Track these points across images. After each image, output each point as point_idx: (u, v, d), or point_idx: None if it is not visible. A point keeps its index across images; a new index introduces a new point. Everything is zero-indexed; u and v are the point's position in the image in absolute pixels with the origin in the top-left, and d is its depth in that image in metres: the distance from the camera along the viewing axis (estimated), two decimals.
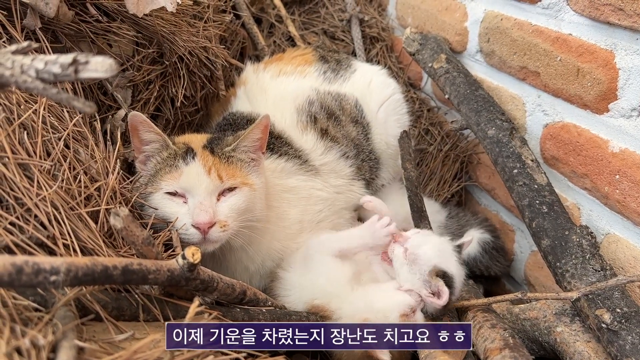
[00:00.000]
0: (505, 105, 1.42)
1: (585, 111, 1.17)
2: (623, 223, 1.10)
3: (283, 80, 1.45)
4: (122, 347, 0.71)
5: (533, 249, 1.41)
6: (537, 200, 1.16)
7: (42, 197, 0.80)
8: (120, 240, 0.93)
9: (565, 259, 1.06)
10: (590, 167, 1.16)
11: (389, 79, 1.56)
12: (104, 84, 1.26)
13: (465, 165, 1.72)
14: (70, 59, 0.59)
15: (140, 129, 1.08)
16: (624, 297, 0.97)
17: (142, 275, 0.70)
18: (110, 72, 0.60)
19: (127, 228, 0.74)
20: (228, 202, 1.08)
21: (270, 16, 1.93)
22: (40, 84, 0.60)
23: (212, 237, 1.05)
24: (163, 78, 1.37)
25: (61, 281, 0.59)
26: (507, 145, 1.26)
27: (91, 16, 1.19)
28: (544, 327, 1.05)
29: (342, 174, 1.37)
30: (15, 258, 0.56)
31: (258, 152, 1.16)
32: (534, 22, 1.30)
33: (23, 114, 0.90)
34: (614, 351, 0.91)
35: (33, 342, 0.61)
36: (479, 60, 1.53)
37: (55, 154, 0.92)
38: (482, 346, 0.98)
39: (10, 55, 0.62)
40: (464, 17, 1.57)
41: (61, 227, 0.80)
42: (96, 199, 0.95)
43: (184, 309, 0.84)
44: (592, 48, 1.13)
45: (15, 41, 1.03)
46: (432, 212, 1.42)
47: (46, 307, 0.70)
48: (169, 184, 1.06)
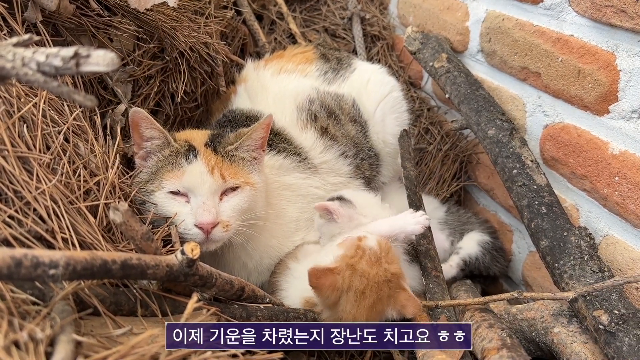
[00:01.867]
0: (506, 106, 1.42)
1: (586, 112, 1.17)
2: (622, 225, 1.11)
3: (284, 78, 1.45)
4: (120, 342, 0.70)
5: (531, 250, 1.41)
6: (536, 201, 1.16)
7: (41, 191, 0.80)
8: (119, 235, 0.93)
9: (564, 259, 1.07)
10: (590, 169, 1.16)
11: (388, 77, 1.55)
12: (104, 78, 1.26)
13: (464, 165, 1.72)
14: (71, 52, 0.59)
15: (141, 125, 1.08)
16: (622, 298, 0.97)
17: (141, 270, 0.70)
18: (111, 66, 0.60)
19: (127, 223, 0.74)
20: (230, 201, 1.08)
21: (272, 13, 1.92)
22: (41, 77, 0.60)
23: (215, 237, 1.05)
24: (163, 73, 1.37)
25: (60, 275, 0.59)
26: (507, 146, 1.26)
27: (92, 10, 1.19)
28: (541, 328, 1.05)
29: (341, 172, 1.37)
30: (15, 251, 0.56)
31: (259, 150, 1.16)
32: (535, 23, 1.30)
33: (23, 107, 0.90)
34: (611, 353, 0.91)
35: (31, 336, 0.61)
36: (480, 60, 1.53)
37: (55, 147, 0.92)
38: (480, 346, 0.98)
39: (11, 47, 0.62)
40: (465, 16, 1.57)
41: (60, 221, 0.80)
42: (95, 194, 0.95)
43: (182, 304, 0.84)
44: (593, 49, 1.13)
45: (16, 34, 1.03)
46: (431, 209, 1.42)
47: (44, 300, 0.70)
48: (171, 183, 1.06)
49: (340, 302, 1.00)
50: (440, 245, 1.38)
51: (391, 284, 1.00)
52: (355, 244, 1.04)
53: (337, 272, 1.00)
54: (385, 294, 1.00)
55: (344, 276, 1.00)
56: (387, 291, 1.00)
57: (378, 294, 0.99)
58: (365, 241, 1.04)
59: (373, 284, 0.99)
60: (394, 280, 1.01)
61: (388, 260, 1.02)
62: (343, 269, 1.00)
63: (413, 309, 1.01)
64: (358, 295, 0.99)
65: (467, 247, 1.41)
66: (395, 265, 1.02)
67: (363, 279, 0.99)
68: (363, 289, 0.99)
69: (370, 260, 1.01)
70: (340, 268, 1.01)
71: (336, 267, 1.01)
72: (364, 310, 0.98)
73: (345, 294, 0.99)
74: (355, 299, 0.99)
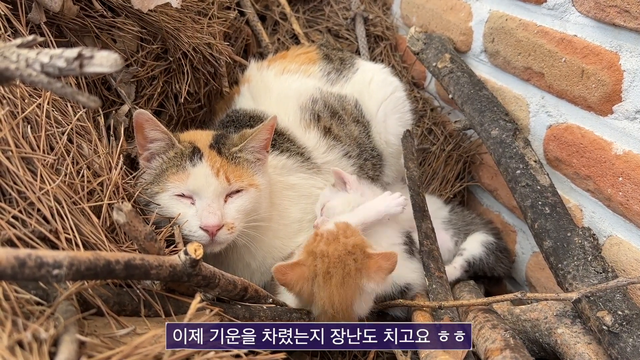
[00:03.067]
0: (509, 106, 1.41)
1: (589, 113, 1.17)
2: (625, 225, 1.10)
3: (287, 78, 1.45)
4: (123, 342, 0.71)
5: (534, 250, 1.41)
6: (540, 202, 1.16)
7: (45, 191, 0.80)
8: (122, 235, 0.94)
9: (567, 260, 1.06)
10: (594, 169, 1.16)
11: (391, 77, 1.55)
12: (107, 79, 1.26)
13: (467, 166, 1.71)
14: (75, 53, 0.59)
15: (145, 126, 1.08)
16: (626, 299, 0.97)
17: (145, 271, 0.70)
18: (115, 67, 0.60)
19: (130, 223, 0.74)
20: (235, 203, 1.09)
21: (275, 14, 1.92)
22: (45, 77, 0.60)
23: (220, 239, 1.06)
24: (167, 74, 1.37)
25: (64, 275, 0.59)
26: (511, 146, 1.25)
27: (96, 11, 1.19)
28: (544, 329, 1.05)
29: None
30: (19, 251, 0.56)
31: (263, 151, 1.16)
32: (539, 23, 1.29)
33: (27, 107, 0.90)
34: (615, 353, 0.91)
35: (35, 336, 0.61)
36: (483, 61, 1.53)
37: (59, 148, 0.92)
38: (483, 346, 0.98)
39: (15, 48, 0.62)
40: (468, 17, 1.57)
41: (64, 221, 0.80)
42: (99, 194, 0.95)
43: (185, 304, 0.84)
44: (597, 49, 1.13)
45: (20, 35, 1.03)
46: (435, 209, 1.42)
47: (48, 301, 0.70)
48: (176, 185, 1.06)
49: (314, 292, 1.00)
50: (444, 245, 1.38)
51: (354, 255, 0.99)
52: (314, 233, 1.06)
53: (302, 264, 1.01)
54: (351, 267, 0.99)
55: (308, 264, 1.00)
56: (353, 264, 0.99)
57: (344, 269, 0.98)
58: (323, 227, 1.06)
59: (335, 260, 0.99)
60: (357, 252, 1.00)
61: (346, 235, 1.02)
62: (306, 258, 1.01)
63: (388, 265, 0.99)
64: (324, 276, 0.99)
65: (470, 248, 1.40)
66: (354, 238, 1.02)
67: (324, 258, 0.99)
68: (327, 268, 0.99)
69: (327, 240, 1.02)
70: (304, 259, 1.01)
71: (300, 259, 1.02)
72: (335, 289, 0.98)
73: (315, 281, 0.99)
74: (324, 281, 0.98)
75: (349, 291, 0.99)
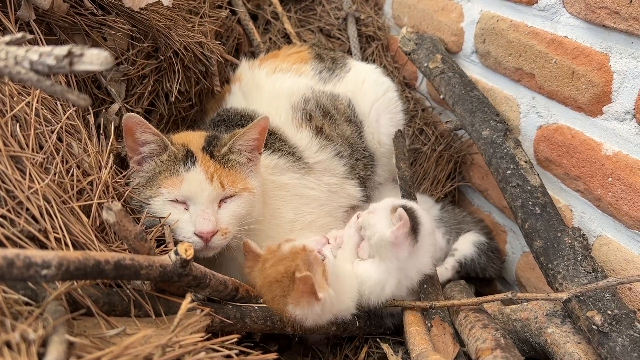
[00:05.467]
0: (500, 107, 1.42)
1: (580, 114, 1.18)
2: (615, 225, 1.11)
3: (279, 77, 1.44)
4: (113, 343, 0.70)
5: (525, 250, 1.42)
6: (530, 202, 1.16)
7: (34, 190, 0.79)
8: (112, 234, 0.93)
9: (557, 260, 1.07)
10: (584, 170, 1.17)
11: (383, 77, 1.56)
12: (97, 77, 1.25)
13: (458, 166, 1.72)
14: (65, 50, 0.59)
15: (136, 130, 1.07)
16: (615, 299, 0.98)
17: (135, 271, 0.70)
18: (105, 65, 0.59)
19: (120, 223, 0.74)
20: (229, 208, 1.08)
21: (267, 13, 1.92)
22: (34, 75, 0.59)
23: (214, 244, 1.05)
24: (158, 73, 1.36)
25: (53, 275, 0.59)
26: (501, 146, 1.26)
27: (86, 9, 1.18)
28: (535, 328, 1.05)
29: (336, 172, 1.37)
30: (7, 251, 0.56)
31: (255, 152, 1.15)
32: (530, 24, 1.30)
33: (16, 106, 0.89)
34: (604, 353, 0.91)
35: (23, 337, 0.60)
36: (475, 61, 1.54)
37: (48, 147, 0.91)
38: (474, 346, 0.98)
39: (4, 46, 0.61)
40: (460, 17, 1.57)
41: (53, 220, 0.79)
42: (89, 193, 0.95)
43: (176, 305, 0.84)
44: (587, 51, 1.14)
45: (9, 32, 1.02)
46: (426, 208, 1.42)
47: (37, 301, 0.70)
48: (169, 190, 1.05)
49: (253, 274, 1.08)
50: (436, 244, 1.37)
51: (282, 283, 1.02)
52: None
53: (258, 259, 1.09)
54: (277, 294, 1.02)
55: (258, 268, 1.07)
56: (280, 292, 1.02)
57: (272, 294, 1.02)
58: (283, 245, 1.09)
59: (266, 283, 1.03)
60: (284, 280, 1.02)
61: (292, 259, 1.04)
62: (262, 259, 1.08)
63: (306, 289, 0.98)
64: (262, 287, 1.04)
65: (462, 248, 1.40)
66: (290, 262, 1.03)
67: (264, 276, 1.05)
68: (263, 283, 1.04)
69: (274, 261, 1.06)
70: (263, 256, 1.08)
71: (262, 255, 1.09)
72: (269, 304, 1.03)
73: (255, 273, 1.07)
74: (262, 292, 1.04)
75: (279, 311, 1.02)
